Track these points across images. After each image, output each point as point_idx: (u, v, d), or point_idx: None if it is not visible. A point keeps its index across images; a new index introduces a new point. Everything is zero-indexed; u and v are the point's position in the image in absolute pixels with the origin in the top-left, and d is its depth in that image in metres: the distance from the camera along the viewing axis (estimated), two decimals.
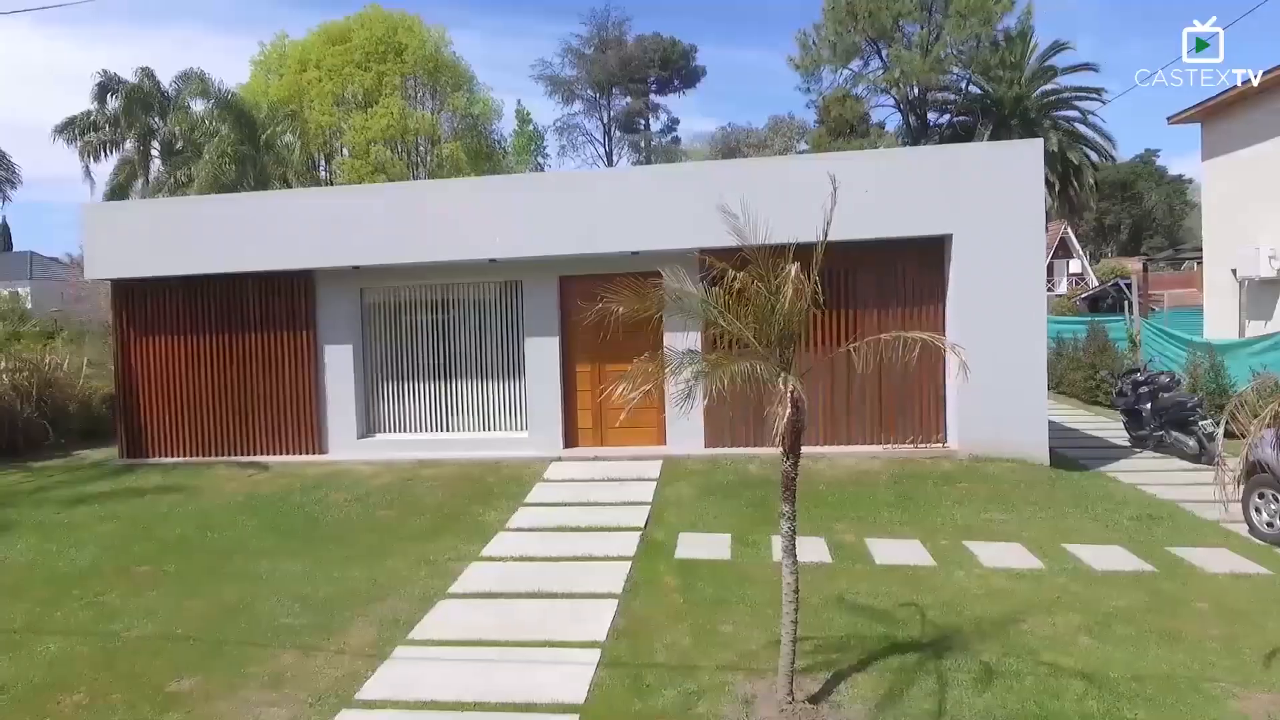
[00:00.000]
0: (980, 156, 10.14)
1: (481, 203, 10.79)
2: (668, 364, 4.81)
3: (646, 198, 10.41)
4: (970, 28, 27.81)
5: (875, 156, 10.80)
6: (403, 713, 4.73)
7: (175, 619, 6.01)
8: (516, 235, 10.45)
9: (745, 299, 4.68)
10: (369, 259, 10.76)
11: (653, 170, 13.40)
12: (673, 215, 10.20)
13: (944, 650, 5.23)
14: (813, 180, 10.32)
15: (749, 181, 10.57)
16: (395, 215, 10.77)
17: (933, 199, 9.75)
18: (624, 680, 4.98)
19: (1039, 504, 8.42)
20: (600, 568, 7.01)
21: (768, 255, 4.82)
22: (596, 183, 11.95)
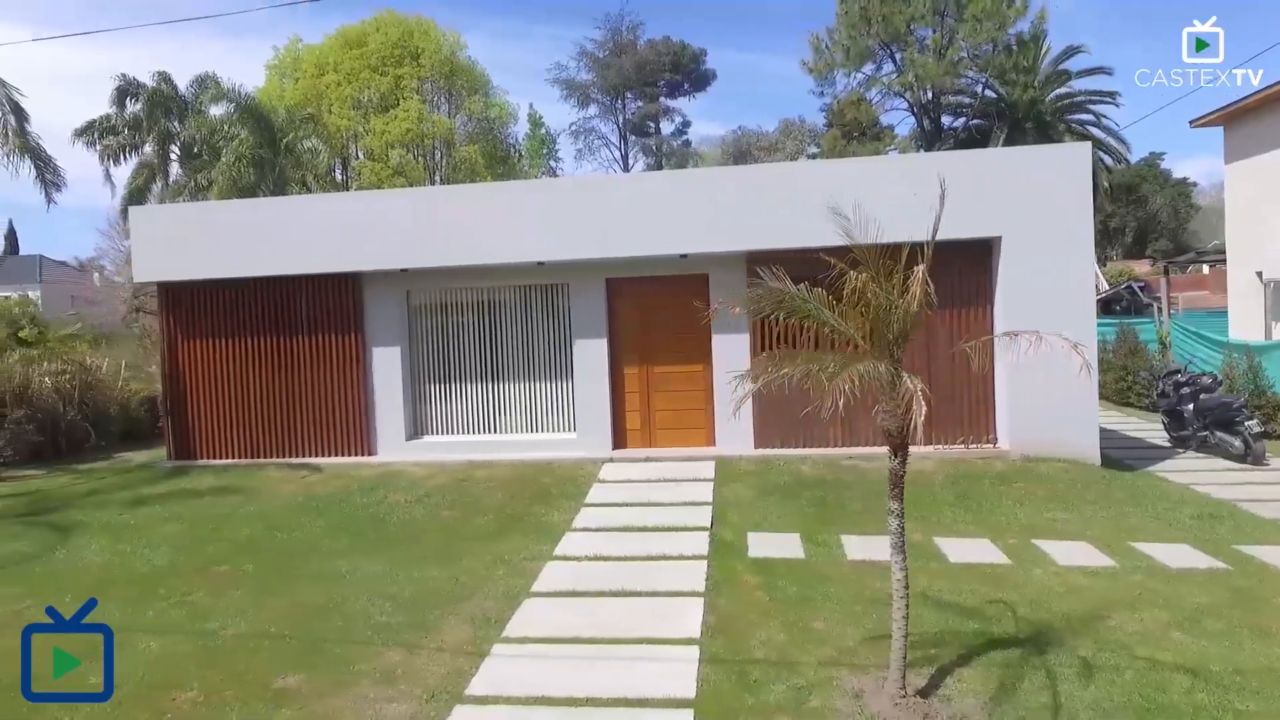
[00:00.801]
0: (1029, 160, 10.23)
1: (529, 206, 10.87)
2: (787, 364, 4.83)
3: (695, 200, 10.48)
4: (985, 32, 27.96)
5: (926, 159, 10.88)
6: (516, 708, 4.80)
7: (268, 618, 6.08)
8: (565, 238, 10.53)
9: (862, 300, 4.70)
10: (417, 262, 10.83)
11: (703, 173, 13.52)
12: (721, 218, 10.29)
13: (1040, 646, 5.30)
14: (853, 184, 10.47)
15: (792, 185, 10.73)
16: (443, 218, 10.85)
17: (982, 201, 9.83)
18: (729, 676, 5.05)
19: (1097, 503, 8.50)
20: (676, 567, 7.08)
21: (878, 256, 4.90)
22: (645, 185, 12.02)
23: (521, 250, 10.64)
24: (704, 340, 10.86)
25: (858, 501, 8.69)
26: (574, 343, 11.08)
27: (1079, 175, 9.64)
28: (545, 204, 10.83)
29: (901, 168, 10.62)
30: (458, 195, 12.10)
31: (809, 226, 10.04)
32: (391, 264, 10.88)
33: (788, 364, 4.89)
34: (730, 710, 4.66)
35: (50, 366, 12.63)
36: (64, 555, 7.67)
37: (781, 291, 5.20)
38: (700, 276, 10.81)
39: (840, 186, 10.42)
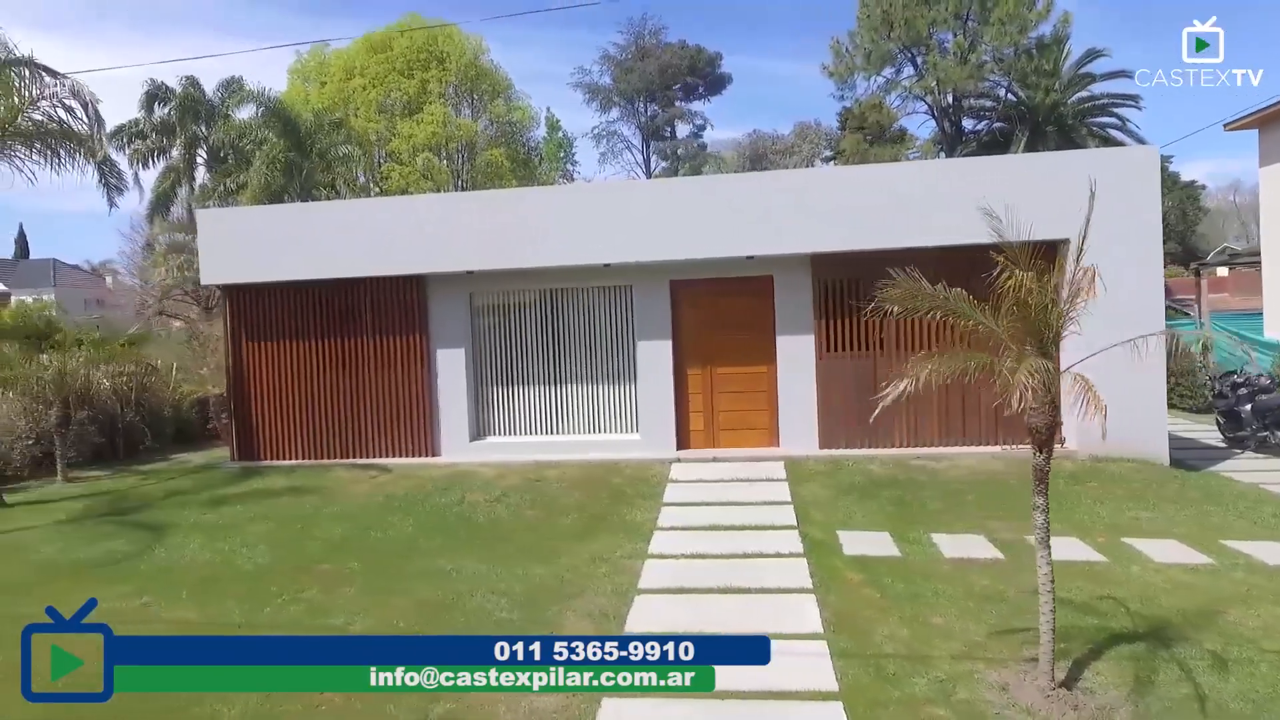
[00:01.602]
0: (1098, 162, 10.32)
1: (594, 207, 10.97)
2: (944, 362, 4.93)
3: (761, 203, 10.57)
4: (1009, 35, 28.10)
5: (995, 163, 10.98)
6: (665, 700, 4.88)
7: (391, 614, 6.16)
8: (632, 240, 10.62)
9: (1018, 298, 4.78)
10: (484, 264, 10.92)
11: (769, 176, 13.64)
12: (787, 220, 10.39)
13: (1164, 640, 5.39)
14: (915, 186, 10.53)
15: (854, 188, 10.84)
16: (510, 221, 10.93)
17: (1050, 204, 9.90)
18: (866, 670, 5.14)
19: (1176, 502, 8.59)
20: (776, 564, 7.16)
21: (1028, 254, 5.00)
22: (712, 188, 12.13)
23: (588, 252, 10.74)
24: (769, 341, 10.96)
25: (937, 501, 8.78)
26: (638, 344, 11.17)
27: (1148, 177, 9.75)
28: (612, 206, 10.94)
29: (959, 171, 10.72)
30: (525, 198, 12.21)
31: (874, 228, 10.22)
32: (459, 266, 10.97)
33: (939, 363, 4.94)
34: (878, 703, 4.75)
35: (109, 368, 12.70)
36: (164, 554, 7.75)
37: (927, 290, 5.25)
38: (765, 278, 10.91)
39: (905, 189, 10.58)
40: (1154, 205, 9.75)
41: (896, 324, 10.60)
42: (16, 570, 7.37)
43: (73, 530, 8.63)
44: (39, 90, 9.38)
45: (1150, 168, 9.81)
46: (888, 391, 5.27)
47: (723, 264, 10.80)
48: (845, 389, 10.71)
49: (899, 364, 10.72)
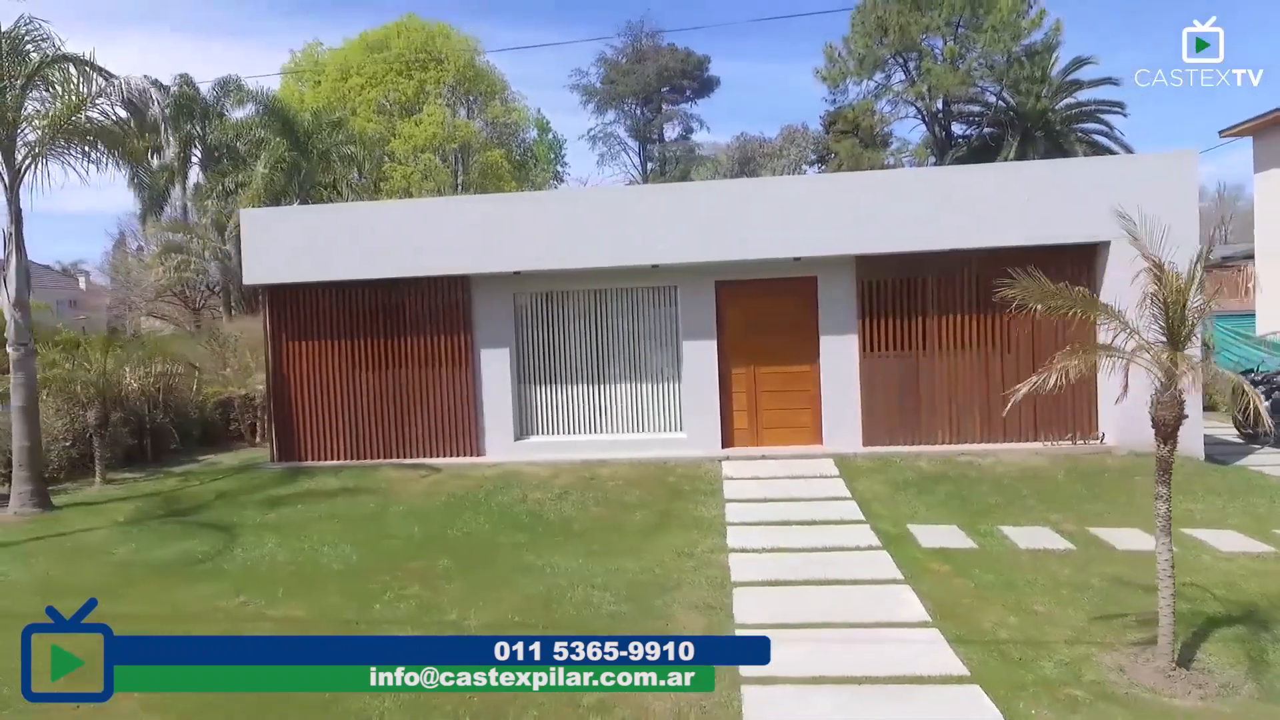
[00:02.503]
0: (1138, 167, 10.70)
1: (642, 208, 11.11)
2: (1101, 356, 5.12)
3: (805, 205, 10.78)
4: (1001, 42, 28.72)
5: (1038, 167, 11.28)
6: (798, 687, 5.02)
7: (504, 609, 6.23)
8: (679, 241, 10.76)
9: (1159, 297, 4.99)
10: (531, 264, 10.98)
11: (816, 179, 13.89)
12: (830, 222, 10.60)
13: (1260, 623, 5.66)
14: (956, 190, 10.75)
15: (898, 191, 11.11)
16: (558, 222, 11.03)
17: (1090, 207, 10.22)
18: (989, 655, 5.33)
19: (1221, 494, 8.95)
20: (858, 557, 7.35)
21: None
22: (757, 190, 12.34)
23: (636, 253, 10.86)
24: (812, 341, 11.16)
25: (993, 495, 9.04)
26: (683, 344, 11.31)
27: (1187, 183, 10.12)
28: (659, 208, 11.07)
29: (1004, 175, 11.02)
30: (574, 199, 12.35)
31: (918, 231, 10.47)
32: (507, 267, 11.02)
33: (1081, 359, 5.16)
34: (1015, 685, 4.93)
35: (140, 370, 12.52)
36: (242, 554, 7.72)
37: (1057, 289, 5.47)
38: (809, 279, 11.12)
39: (949, 192, 10.85)
40: (1193, 206, 10.11)
41: (937, 324, 10.87)
42: (98, 573, 7.30)
43: (138, 532, 8.55)
44: (95, 88, 9.27)
45: (1190, 170, 10.19)
46: (1019, 388, 5.46)
47: (767, 265, 10.98)
48: (888, 388, 10.96)
49: (940, 363, 11.05)
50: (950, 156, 31.60)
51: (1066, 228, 10.38)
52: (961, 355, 10.88)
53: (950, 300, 10.85)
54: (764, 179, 19.88)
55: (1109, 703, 4.69)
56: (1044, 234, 10.36)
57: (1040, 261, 10.46)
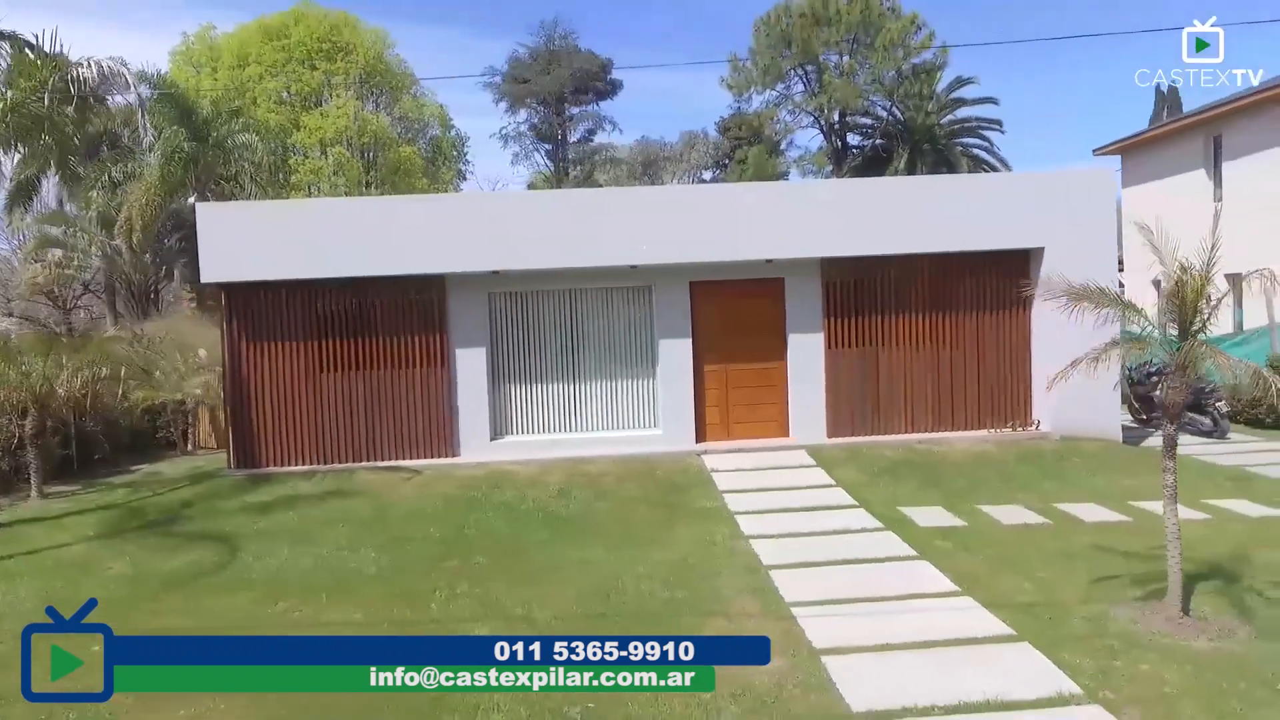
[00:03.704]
0: (1067, 181, 11.89)
1: (622, 210, 11.38)
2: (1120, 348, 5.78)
3: (775, 210, 11.37)
4: (892, 60, 30.75)
5: (979, 180, 12.32)
6: (872, 654, 5.48)
7: (565, 602, 6.36)
8: (656, 242, 11.06)
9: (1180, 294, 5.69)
10: (508, 264, 11.00)
11: (785, 186, 14.46)
12: (799, 226, 11.23)
13: (1229, 577, 6.61)
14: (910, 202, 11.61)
15: (858, 200, 11.90)
16: (537, 221, 11.09)
17: (1027, 216, 11.36)
18: (1023, 616, 5.98)
19: (1149, 472, 10.08)
20: (867, 538, 7.95)
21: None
22: (734, 195, 12.81)
23: (615, 254, 11.09)
24: (780, 339, 11.77)
25: (960, 479, 9.90)
26: (659, 342, 11.63)
27: (1107, 196, 11.41)
28: (637, 209, 11.39)
29: (953, 186, 11.99)
30: (553, 199, 12.42)
31: (876, 236, 11.26)
32: (484, 266, 10.98)
33: (1115, 350, 5.81)
34: (1054, 640, 5.58)
35: (66, 375, 11.54)
36: (257, 562, 7.43)
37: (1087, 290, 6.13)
38: (777, 280, 11.72)
39: (905, 200, 11.73)
40: (1111, 217, 11.40)
41: (894, 323, 11.73)
42: (108, 588, 6.84)
43: (122, 545, 8.03)
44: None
45: (1108, 184, 11.49)
46: (1056, 375, 6.11)
47: (740, 266, 11.49)
48: (850, 382, 11.72)
49: (896, 358, 11.86)
50: (846, 166, 33.49)
51: (1007, 235, 11.45)
52: (915, 351, 11.78)
53: (905, 301, 11.72)
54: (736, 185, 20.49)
55: (1140, 649, 5.41)
56: (987, 240, 11.39)
57: (984, 265, 11.68)
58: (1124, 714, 4.61)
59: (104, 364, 11.50)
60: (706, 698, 4.85)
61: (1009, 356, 11.81)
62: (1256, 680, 4.91)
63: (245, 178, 25.05)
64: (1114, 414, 11.63)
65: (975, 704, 4.75)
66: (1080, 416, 11.47)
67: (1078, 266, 11.20)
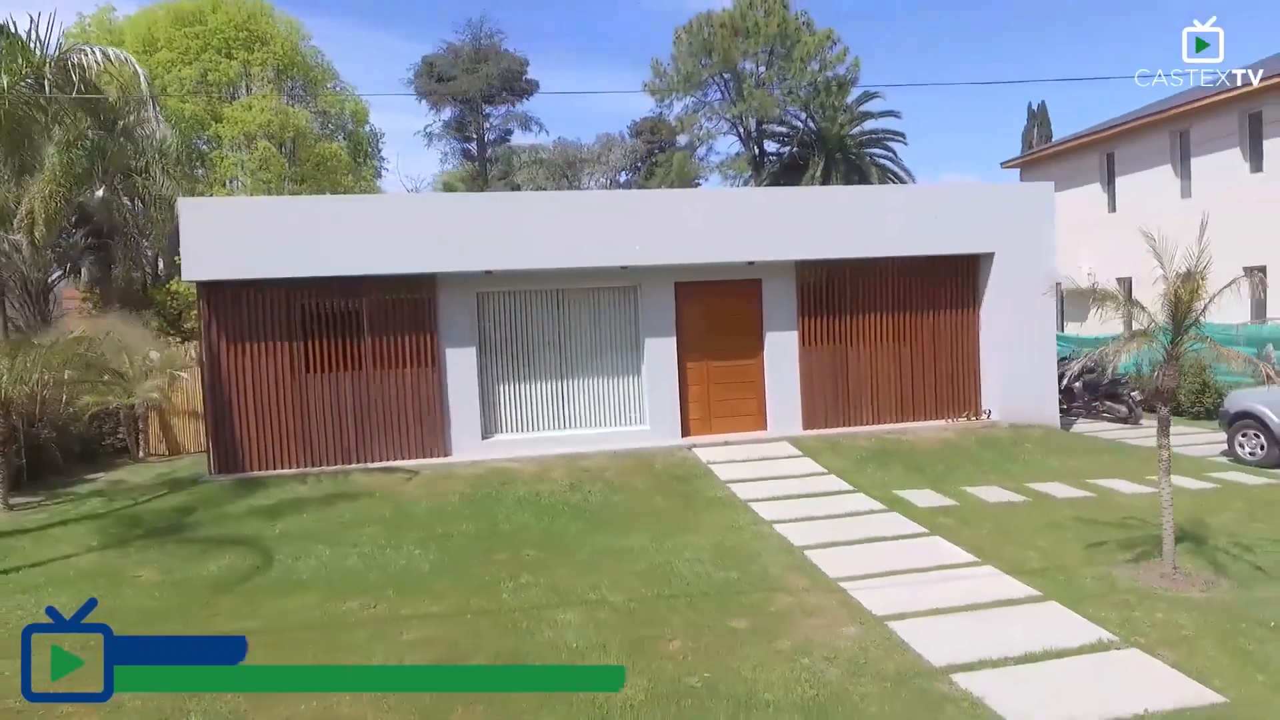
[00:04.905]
0: (1014, 193, 13.09)
1: (610, 212, 11.71)
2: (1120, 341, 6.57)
3: (754, 215, 12.00)
4: (808, 73, 32.22)
5: (942, 190, 13.31)
6: (928, 618, 6.08)
7: (629, 586, 6.67)
8: (645, 243, 11.48)
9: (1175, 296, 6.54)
10: (501, 264, 11.12)
11: (764, 192, 15.07)
12: (777, 231, 11.90)
13: (1194, 539, 7.62)
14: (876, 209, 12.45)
15: (830, 207, 12.69)
16: (525, 221, 11.26)
17: (980, 224, 12.44)
18: (1046, 580, 6.73)
19: (1090, 454, 11.41)
20: (876, 518, 8.65)
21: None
22: (716, 200, 13.39)
23: (606, 254, 11.41)
24: (757, 337, 12.41)
25: (936, 464, 10.79)
26: (645, 341, 12.03)
27: (1048, 207, 12.63)
28: (628, 212, 11.74)
29: (915, 195, 12.95)
30: (543, 201, 12.58)
31: (846, 240, 12.06)
32: (476, 266, 11.07)
33: (1121, 344, 6.61)
34: (1075, 598, 6.36)
35: (15, 379, 10.79)
36: (303, 564, 7.33)
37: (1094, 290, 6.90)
38: (755, 281, 12.34)
39: (871, 209, 12.59)
40: (1051, 226, 12.63)
41: (862, 322, 12.58)
42: (150, 597, 6.62)
43: (140, 553, 7.72)
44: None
45: (1048, 197, 12.71)
46: (1068, 367, 6.87)
47: (721, 268, 12.04)
48: (823, 377, 12.49)
49: (864, 354, 12.68)
50: (765, 172, 34.76)
51: (963, 241, 12.50)
52: (880, 348, 12.67)
53: (872, 301, 12.60)
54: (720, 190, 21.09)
55: (1151, 600, 6.27)
56: (946, 245, 12.41)
57: (941, 268, 12.70)
58: (1159, 654, 5.39)
59: (71, 366, 10.79)
60: (807, 662, 5.33)
61: (962, 352, 12.88)
62: (1254, 621, 5.81)
63: (156, 170, 23.70)
64: (1053, 404, 12.89)
65: (1036, 654, 5.42)
66: (1024, 407, 12.67)
67: (1024, 269, 12.52)
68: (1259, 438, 10.75)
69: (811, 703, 4.84)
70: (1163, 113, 18.26)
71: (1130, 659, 5.37)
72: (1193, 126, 17.77)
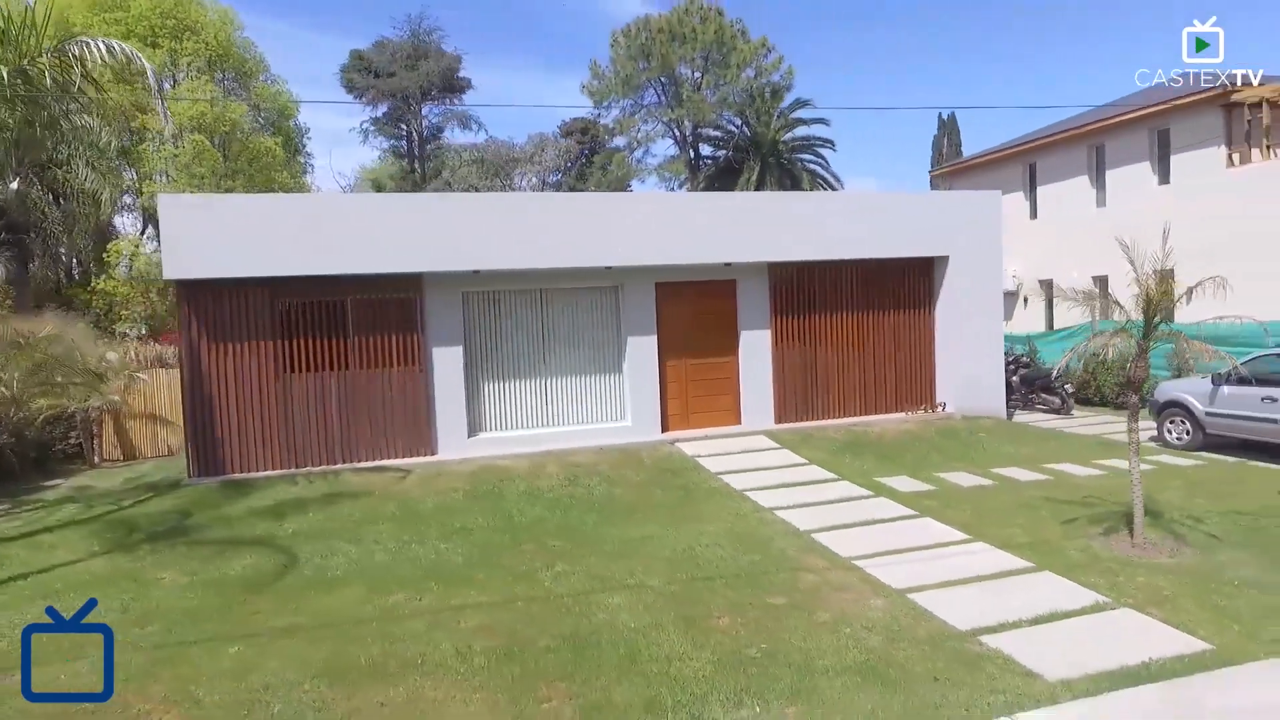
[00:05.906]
0: (966, 200, 13.99)
1: (593, 214, 11.98)
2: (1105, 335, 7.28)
3: (731, 218, 12.49)
4: (744, 80, 33.16)
5: (898, 197, 14.04)
6: (942, 590, 6.64)
7: (662, 571, 6.99)
8: (628, 245, 11.82)
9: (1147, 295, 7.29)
10: (487, 264, 11.24)
11: (740, 197, 15.58)
12: (752, 234, 12.44)
13: (1152, 514, 8.48)
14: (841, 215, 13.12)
15: (798, 210, 13.33)
16: (513, 222, 11.42)
17: (935, 229, 13.31)
18: (1035, 554, 7.42)
19: (1038, 441, 12.38)
20: (867, 503, 9.23)
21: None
22: (694, 203, 13.83)
23: (591, 255, 11.69)
24: (732, 335, 12.91)
25: (906, 453, 11.52)
26: (627, 339, 12.35)
27: (997, 214, 13.60)
28: (611, 214, 12.02)
29: (877, 201, 13.70)
30: (530, 202, 12.74)
31: (815, 243, 12.71)
32: (463, 265, 11.16)
33: (1104, 338, 7.32)
34: (1065, 567, 7.05)
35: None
36: (331, 561, 7.34)
37: (1085, 291, 7.61)
38: (730, 282, 12.85)
39: (837, 215, 13.27)
40: (999, 231, 13.61)
41: (829, 320, 13.25)
42: (185, 597, 6.52)
43: (152, 557, 7.54)
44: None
45: (996, 204, 13.69)
46: (1066, 356, 7.57)
47: (699, 269, 12.49)
48: (794, 373, 13.10)
49: (831, 351, 13.36)
50: (701, 175, 35.52)
51: (920, 245, 13.33)
52: (846, 345, 13.38)
53: (837, 300, 13.29)
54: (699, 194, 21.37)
55: (1131, 567, 7.03)
56: (904, 249, 13.21)
57: (899, 270, 13.51)
58: (1149, 612, 6.10)
59: (44, 367, 10.33)
60: (849, 631, 5.80)
61: (919, 349, 13.73)
62: (1221, 581, 6.62)
63: (79, 162, 22.49)
64: (1001, 396, 13.89)
65: (1044, 616, 6.05)
66: (975, 400, 13.61)
67: (974, 271, 13.45)
68: (1185, 424, 11.92)
69: (864, 666, 5.30)
70: (1081, 128, 19.79)
71: (1126, 617, 6.06)
72: (1108, 141, 19.30)
